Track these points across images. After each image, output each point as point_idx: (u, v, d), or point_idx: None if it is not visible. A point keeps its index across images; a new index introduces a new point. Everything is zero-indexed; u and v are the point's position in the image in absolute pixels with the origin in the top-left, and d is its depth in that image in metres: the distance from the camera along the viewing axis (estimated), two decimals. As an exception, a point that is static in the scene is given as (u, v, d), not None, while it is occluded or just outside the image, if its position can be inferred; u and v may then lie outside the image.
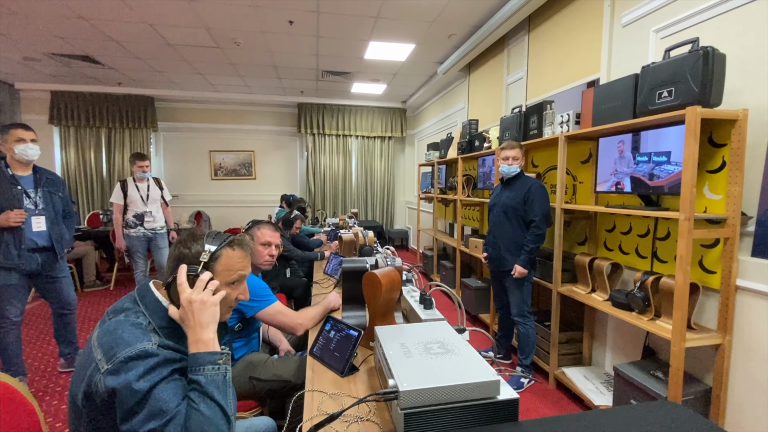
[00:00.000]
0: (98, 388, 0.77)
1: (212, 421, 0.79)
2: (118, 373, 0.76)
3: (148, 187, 3.68)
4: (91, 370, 0.79)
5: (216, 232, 1.01)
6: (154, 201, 3.69)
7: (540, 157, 3.06)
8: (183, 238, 0.98)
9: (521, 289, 2.43)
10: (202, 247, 0.96)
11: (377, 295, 1.47)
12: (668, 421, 0.96)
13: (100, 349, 0.80)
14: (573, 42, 2.82)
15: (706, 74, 1.59)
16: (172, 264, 0.96)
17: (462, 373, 1.00)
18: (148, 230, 3.63)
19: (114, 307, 0.92)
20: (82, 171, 6.03)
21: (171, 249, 0.98)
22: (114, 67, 4.98)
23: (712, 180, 1.75)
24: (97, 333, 0.85)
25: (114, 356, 0.78)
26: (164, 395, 0.79)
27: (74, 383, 0.84)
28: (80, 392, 0.80)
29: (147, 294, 0.94)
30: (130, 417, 0.76)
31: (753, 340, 1.63)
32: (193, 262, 0.94)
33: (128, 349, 0.79)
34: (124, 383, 0.76)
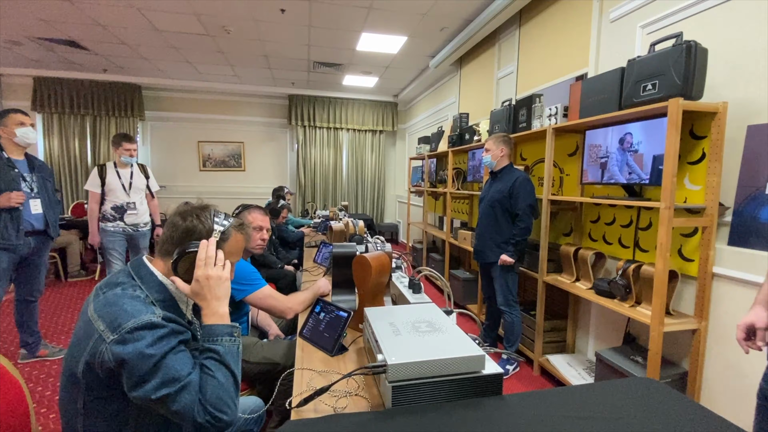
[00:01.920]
0: (104, 358, 0.76)
1: (226, 388, 0.84)
2: (125, 343, 0.76)
3: (131, 174, 3.13)
4: (95, 341, 0.78)
5: (217, 210, 1.01)
6: (138, 191, 3.16)
7: (528, 151, 3.11)
8: (190, 210, 0.95)
9: (506, 279, 2.48)
10: (213, 223, 0.95)
11: (367, 279, 1.49)
12: (644, 394, 1.01)
13: (101, 320, 0.80)
14: (563, 37, 2.87)
15: (688, 68, 1.64)
16: (180, 235, 0.92)
17: (448, 348, 1.03)
18: (128, 225, 3.08)
19: (107, 281, 0.91)
20: (66, 159, 5.89)
21: (174, 218, 0.94)
22: (99, 53, 4.87)
23: (692, 171, 1.80)
24: (92, 306, 0.84)
25: (119, 327, 0.77)
26: (175, 364, 0.80)
27: (72, 356, 0.83)
28: (80, 364, 0.79)
29: (141, 268, 0.93)
30: (141, 384, 0.76)
31: (727, 325, 1.70)
32: (204, 238, 0.93)
33: (133, 320, 0.79)
34: (134, 351, 0.76)
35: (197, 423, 0.80)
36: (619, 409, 0.96)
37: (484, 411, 0.93)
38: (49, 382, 2.36)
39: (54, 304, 3.74)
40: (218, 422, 0.81)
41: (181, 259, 0.90)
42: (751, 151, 1.65)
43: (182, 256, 0.90)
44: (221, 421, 0.81)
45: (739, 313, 1.66)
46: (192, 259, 0.91)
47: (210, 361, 0.85)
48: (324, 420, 0.90)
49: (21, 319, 2.53)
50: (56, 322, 3.31)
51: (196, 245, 0.91)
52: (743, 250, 1.65)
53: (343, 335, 1.33)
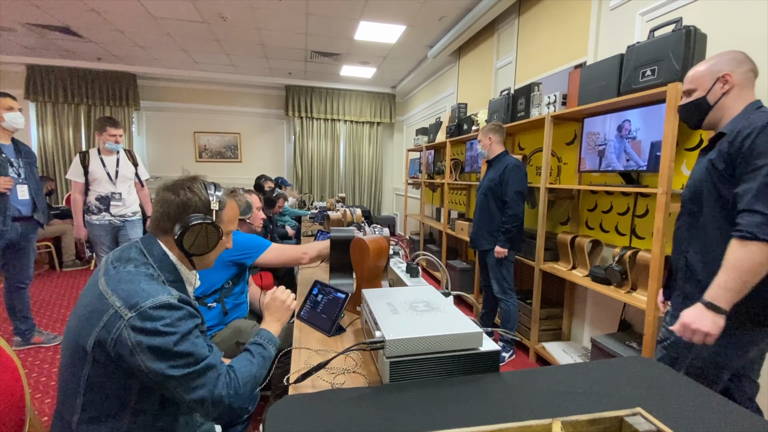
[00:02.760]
0: (122, 335, 0.76)
1: (255, 375, 0.93)
2: (144, 321, 0.76)
3: (117, 161, 2.87)
4: (110, 316, 0.77)
5: (205, 180, 0.99)
6: (125, 180, 2.91)
7: (526, 140, 3.11)
8: (179, 183, 0.94)
9: (501, 268, 2.49)
10: (208, 195, 0.95)
11: (365, 261, 1.49)
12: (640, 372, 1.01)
13: (116, 296, 0.79)
14: (562, 26, 2.86)
15: (687, 53, 1.64)
16: (176, 210, 0.91)
17: (446, 325, 1.03)
18: (115, 217, 2.85)
19: (118, 255, 0.89)
20: (60, 149, 5.83)
21: (164, 194, 0.93)
22: (94, 41, 4.81)
23: (689, 157, 1.81)
24: (104, 279, 0.83)
25: (137, 305, 0.77)
26: (195, 345, 0.82)
27: (80, 328, 0.81)
28: (92, 337, 0.78)
29: (154, 246, 0.91)
30: (162, 362, 0.77)
31: (721, 310, 1.71)
32: (201, 210, 0.93)
33: (152, 299, 0.78)
34: (153, 330, 0.76)
35: (215, 397, 0.82)
36: (616, 386, 0.97)
37: (481, 386, 0.93)
38: (44, 369, 2.35)
39: (49, 294, 3.72)
40: (235, 398, 0.85)
41: (186, 233, 0.90)
42: (748, 137, 1.65)
43: (186, 230, 0.90)
44: (239, 397, 0.86)
45: (734, 298, 1.67)
46: (197, 231, 0.91)
47: (256, 348, 0.98)
48: (321, 394, 0.90)
49: (12, 307, 2.51)
50: (51, 310, 3.30)
51: (198, 218, 0.92)
52: (739, 235, 1.66)
53: (341, 315, 1.33)
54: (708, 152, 1.21)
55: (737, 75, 1.18)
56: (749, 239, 1.04)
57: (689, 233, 1.27)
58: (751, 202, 1.05)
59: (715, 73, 1.19)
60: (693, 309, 1.11)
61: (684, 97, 1.28)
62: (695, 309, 1.11)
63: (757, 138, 1.05)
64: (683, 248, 1.28)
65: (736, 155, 1.10)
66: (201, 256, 0.96)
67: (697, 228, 1.24)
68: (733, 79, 1.17)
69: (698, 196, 1.23)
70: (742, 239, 1.05)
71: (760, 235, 1.02)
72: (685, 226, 1.29)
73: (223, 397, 0.83)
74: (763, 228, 1.02)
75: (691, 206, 1.26)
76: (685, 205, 1.30)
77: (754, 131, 1.06)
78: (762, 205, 1.03)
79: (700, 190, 1.22)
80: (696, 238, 1.24)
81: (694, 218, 1.25)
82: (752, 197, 1.05)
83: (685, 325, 1.10)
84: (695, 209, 1.25)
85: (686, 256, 1.26)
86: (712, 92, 1.20)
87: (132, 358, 0.76)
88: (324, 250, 1.73)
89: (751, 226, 1.03)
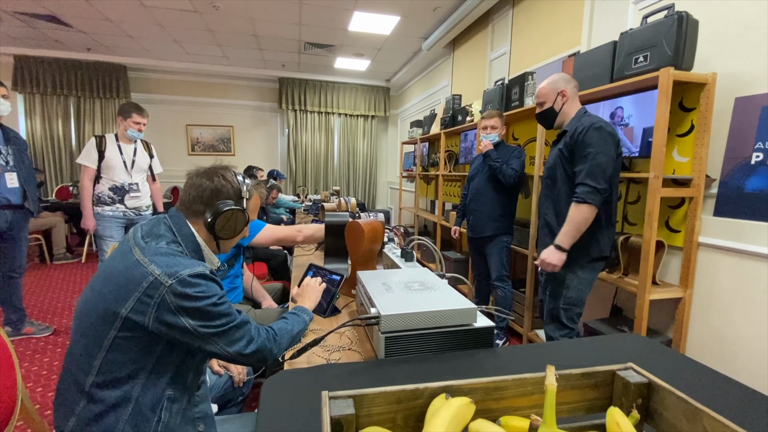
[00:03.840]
0: (164, 299, 0.81)
1: (290, 330, 1.02)
2: (183, 287, 0.82)
3: (135, 151, 2.74)
4: (149, 283, 0.81)
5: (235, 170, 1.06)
6: (140, 171, 2.77)
7: (520, 130, 3.12)
8: (213, 170, 1.00)
9: (500, 254, 2.50)
10: (239, 184, 1.02)
11: (360, 244, 1.49)
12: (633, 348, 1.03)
13: (155, 265, 0.83)
14: (555, 16, 2.86)
15: (679, 38, 1.65)
16: (210, 195, 0.97)
17: (440, 302, 1.04)
18: (130, 209, 2.69)
19: (147, 230, 0.93)
20: (49, 141, 5.74)
21: (198, 180, 0.98)
22: (83, 30, 4.72)
23: (680, 143, 1.83)
24: (138, 250, 0.86)
25: (176, 273, 0.82)
26: (230, 306, 0.90)
27: (114, 294, 0.83)
28: (129, 302, 0.81)
29: (184, 227, 0.95)
30: (205, 319, 0.84)
31: (711, 293, 1.74)
32: (232, 197, 1.00)
33: (189, 269, 0.84)
34: (193, 294, 0.82)
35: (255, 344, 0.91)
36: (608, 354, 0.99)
37: (476, 360, 0.94)
38: (36, 359, 2.33)
39: (39, 286, 3.68)
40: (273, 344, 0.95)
41: (219, 218, 0.96)
42: (738, 123, 1.68)
43: (219, 215, 0.96)
44: (276, 344, 0.96)
45: (724, 280, 1.70)
46: (228, 217, 0.97)
47: (291, 315, 1.08)
48: (316, 368, 0.90)
49: (3, 297, 2.47)
50: (42, 302, 3.26)
51: (230, 204, 0.98)
52: (728, 219, 1.69)
53: (336, 297, 1.33)
54: (557, 144, 1.72)
55: (569, 90, 1.70)
56: (581, 203, 1.53)
57: (547, 200, 1.76)
58: (583, 177, 1.54)
59: (556, 89, 1.71)
60: (547, 250, 1.62)
61: (537, 107, 1.79)
62: (548, 249, 1.61)
63: (586, 134, 1.55)
64: (542, 211, 1.80)
65: (574, 145, 1.60)
66: (226, 241, 1.03)
67: (552, 196, 1.73)
68: (568, 93, 1.70)
69: (553, 173, 1.71)
70: (577, 203, 1.54)
71: (588, 200, 1.52)
72: (543, 196, 1.80)
73: (264, 342, 0.93)
74: (590, 195, 1.52)
75: (548, 181, 1.75)
76: (544, 181, 1.79)
77: (584, 130, 1.56)
78: (590, 180, 1.52)
79: (554, 169, 1.70)
80: (551, 203, 1.73)
81: (550, 190, 1.74)
82: (585, 174, 1.54)
83: (542, 260, 1.62)
84: (550, 183, 1.73)
85: (546, 217, 1.77)
86: (556, 103, 1.72)
87: (176, 319, 0.82)
88: (318, 231, 1.73)
89: (583, 194, 1.53)
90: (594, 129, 1.54)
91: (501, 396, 0.48)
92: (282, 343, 0.99)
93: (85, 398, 0.82)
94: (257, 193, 1.16)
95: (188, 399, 0.93)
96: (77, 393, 0.83)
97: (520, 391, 0.49)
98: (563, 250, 1.58)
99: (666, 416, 0.47)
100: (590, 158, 1.53)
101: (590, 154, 1.53)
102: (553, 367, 0.43)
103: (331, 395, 0.44)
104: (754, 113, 1.63)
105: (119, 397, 0.82)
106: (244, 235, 1.09)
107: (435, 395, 0.46)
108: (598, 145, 1.53)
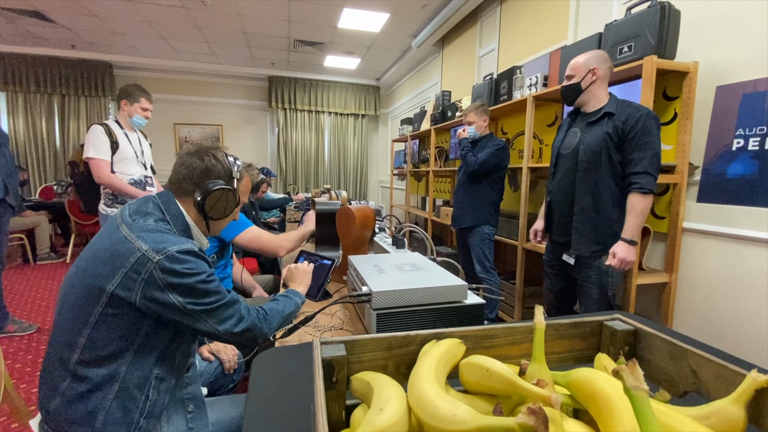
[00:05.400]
0: (151, 275, 0.79)
1: (281, 311, 1.01)
2: (172, 263, 0.80)
3: (139, 141, 2.44)
4: (137, 258, 0.80)
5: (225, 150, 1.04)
6: (149, 163, 2.50)
7: (509, 125, 3.15)
8: (203, 150, 0.98)
9: (482, 246, 2.51)
10: (230, 164, 1.00)
11: (351, 230, 1.49)
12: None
13: (142, 241, 0.81)
14: (543, 11, 2.90)
15: (662, 28, 1.69)
16: (200, 174, 0.95)
17: (431, 280, 1.04)
18: None
19: (135, 209, 0.91)
20: (32, 141, 5.61)
21: (188, 159, 0.96)
22: (67, 26, 4.64)
23: (664, 132, 1.87)
24: (125, 227, 0.85)
25: (164, 249, 0.81)
26: (219, 285, 0.88)
27: (101, 270, 0.81)
28: (115, 278, 0.80)
29: (172, 205, 0.94)
30: (194, 296, 0.83)
31: (696, 277, 1.78)
32: (223, 177, 0.98)
33: (178, 245, 0.83)
34: (181, 270, 0.81)
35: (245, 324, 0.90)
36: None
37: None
38: (19, 356, 2.27)
39: (22, 286, 3.59)
40: (264, 324, 0.94)
41: (208, 197, 0.95)
42: (720, 111, 1.72)
43: (209, 194, 0.95)
44: (267, 323, 0.95)
45: (707, 264, 1.74)
46: (218, 196, 0.96)
47: (283, 298, 1.06)
48: (307, 344, 0.90)
49: None
50: (25, 302, 3.18)
51: (221, 183, 0.96)
52: (711, 205, 1.73)
53: (328, 281, 1.32)
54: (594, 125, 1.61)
55: (602, 70, 1.60)
56: (647, 193, 1.48)
57: (583, 184, 1.62)
58: (645, 166, 1.48)
59: (588, 66, 1.61)
60: (620, 247, 1.50)
61: (565, 80, 1.69)
62: (622, 246, 1.50)
63: (645, 122, 1.48)
64: (574, 196, 1.66)
65: (628, 132, 1.50)
66: (216, 221, 1.01)
67: (589, 180, 1.61)
68: (599, 73, 1.60)
69: (595, 157, 1.58)
70: (643, 193, 1.48)
71: (654, 190, 1.49)
72: (576, 180, 1.64)
73: (254, 321, 0.92)
74: (654, 185, 1.48)
75: (584, 164, 1.61)
76: (579, 164, 1.63)
77: (642, 117, 1.49)
78: (652, 169, 1.48)
79: (597, 153, 1.57)
80: (589, 187, 1.61)
81: (588, 173, 1.61)
82: (647, 163, 1.48)
83: (622, 259, 1.49)
84: (588, 167, 1.60)
85: (581, 202, 1.63)
86: (584, 80, 1.62)
87: (164, 295, 0.80)
88: (304, 235, 1.70)
89: (649, 184, 1.47)
90: (651, 118, 1.49)
91: (491, 344, 0.49)
92: (273, 323, 0.98)
93: (69, 376, 0.81)
94: (248, 175, 1.13)
95: (177, 379, 0.92)
96: (62, 371, 0.81)
97: (509, 339, 0.49)
98: (635, 243, 1.50)
99: (652, 360, 0.48)
100: (650, 147, 1.47)
101: (650, 143, 1.48)
102: (542, 306, 0.44)
103: (323, 341, 0.44)
104: (735, 101, 1.67)
105: (105, 375, 0.81)
106: (234, 217, 1.08)
107: (426, 342, 0.46)
108: (656, 134, 1.49)
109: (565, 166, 1.71)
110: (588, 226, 1.61)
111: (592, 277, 1.64)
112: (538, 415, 0.26)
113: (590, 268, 1.64)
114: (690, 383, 0.42)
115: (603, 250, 1.57)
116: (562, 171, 1.73)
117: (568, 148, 1.70)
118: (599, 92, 1.63)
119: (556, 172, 1.78)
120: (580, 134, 1.66)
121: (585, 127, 1.65)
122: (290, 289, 1.14)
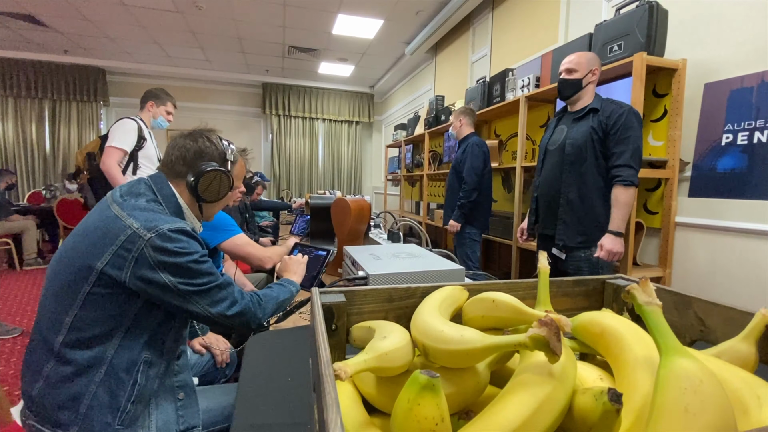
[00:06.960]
0: (142, 254, 0.77)
1: (276, 297, 0.99)
2: (163, 241, 0.79)
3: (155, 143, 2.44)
4: (127, 236, 0.78)
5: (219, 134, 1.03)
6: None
7: (502, 127, 3.19)
8: (198, 132, 0.97)
9: (464, 247, 2.52)
10: (224, 147, 0.99)
11: (346, 222, 1.48)
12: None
13: (133, 219, 0.79)
14: (534, 16, 2.96)
15: (651, 26, 1.73)
16: (193, 156, 0.94)
17: (428, 264, 1.03)
18: None
19: (126, 190, 0.89)
20: (22, 145, 5.54)
21: (182, 140, 0.95)
22: (60, 31, 4.62)
23: (655, 128, 1.90)
24: (116, 206, 0.83)
25: (156, 227, 0.79)
26: (212, 266, 0.86)
27: (90, 248, 0.79)
28: (105, 256, 0.77)
29: (165, 187, 0.92)
30: (186, 276, 0.81)
31: (689, 271, 1.79)
32: (216, 160, 0.97)
33: (170, 224, 0.81)
34: (173, 249, 0.79)
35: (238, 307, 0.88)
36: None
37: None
38: (2, 359, 2.20)
39: (8, 291, 3.49)
40: (258, 308, 0.92)
41: (201, 178, 0.93)
42: (708, 107, 1.76)
43: (202, 175, 0.93)
44: (261, 308, 0.93)
45: (700, 258, 1.76)
46: (211, 178, 0.94)
47: (277, 286, 1.04)
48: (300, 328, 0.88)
49: None
50: (10, 306, 3.09)
51: (214, 165, 0.95)
52: (702, 199, 1.75)
53: (323, 271, 1.30)
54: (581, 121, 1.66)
55: (598, 72, 1.67)
56: (630, 185, 1.51)
57: (569, 177, 1.66)
58: (627, 160, 1.52)
59: (590, 66, 1.65)
60: (607, 239, 1.54)
61: (565, 74, 1.69)
62: (609, 238, 1.53)
63: (627, 117, 1.53)
64: (561, 189, 1.69)
65: (612, 126, 1.55)
66: (209, 204, 1.00)
67: (575, 173, 1.64)
68: (597, 74, 1.66)
69: (581, 152, 1.62)
70: (626, 186, 1.52)
71: (636, 182, 1.52)
72: (564, 173, 1.68)
73: (248, 305, 0.90)
74: (635, 177, 1.52)
75: (570, 158, 1.65)
76: (564, 158, 1.67)
77: (624, 113, 1.54)
78: (634, 162, 1.52)
79: (582, 148, 1.62)
80: (575, 180, 1.65)
81: (574, 167, 1.65)
82: (629, 157, 1.52)
83: (609, 250, 1.52)
84: (575, 160, 1.64)
85: (567, 195, 1.67)
86: (586, 78, 1.66)
87: (155, 274, 0.78)
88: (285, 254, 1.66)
89: (631, 177, 1.51)
90: (633, 114, 1.55)
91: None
92: (267, 308, 0.96)
93: (54, 359, 0.78)
94: (242, 159, 1.11)
95: (167, 365, 0.89)
96: (46, 353, 0.78)
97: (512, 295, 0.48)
98: (622, 235, 1.54)
99: (656, 314, 0.47)
100: (632, 141, 1.52)
101: (632, 137, 1.52)
102: (545, 252, 0.43)
103: (322, 290, 0.42)
104: (723, 97, 1.71)
105: (92, 357, 0.78)
106: (227, 201, 1.07)
107: (427, 294, 0.45)
108: (637, 129, 1.54)
109: (551, 161, 1.76)
110: (573, 217, 1.65)
111: (584, 270, 1.65)
112: (550, 326, 0.25)
113: (581, 261, 1.65)
114: (697, 332, 0.42)
115: (588, 241, 1.61)
116: (549, 165, 1.77)
117: (555, 143, 1.74)
118: (591, 91, 1.69)
119: (543, 167, 1.82)
120: (566, 130, 1.71)
121: (571, 123, 1.70)
122: (285, 278, 1.13)
